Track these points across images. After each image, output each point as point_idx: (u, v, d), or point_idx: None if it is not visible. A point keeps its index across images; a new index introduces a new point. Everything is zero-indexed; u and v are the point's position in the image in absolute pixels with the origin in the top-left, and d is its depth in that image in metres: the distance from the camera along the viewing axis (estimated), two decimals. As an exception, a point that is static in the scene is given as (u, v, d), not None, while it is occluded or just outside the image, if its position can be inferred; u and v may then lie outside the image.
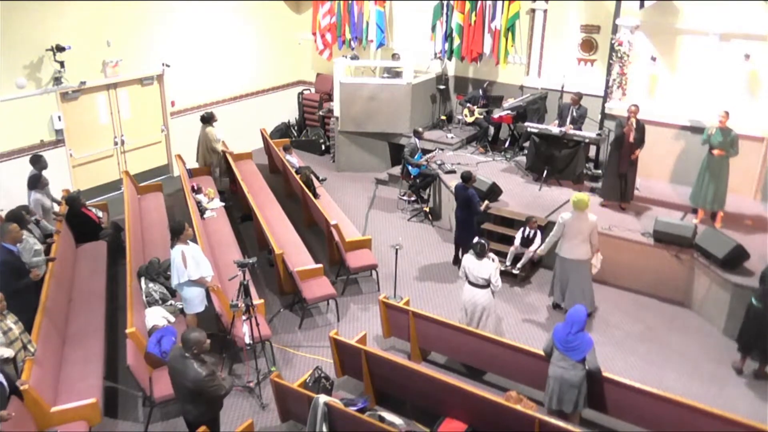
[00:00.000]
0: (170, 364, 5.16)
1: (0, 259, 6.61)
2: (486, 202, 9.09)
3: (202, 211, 9.71)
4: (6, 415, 5.02)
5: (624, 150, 9.02)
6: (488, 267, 6.88)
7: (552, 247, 7.96)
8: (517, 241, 8.71)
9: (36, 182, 8.69)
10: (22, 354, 5.86)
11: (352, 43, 13.40)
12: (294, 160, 11.50)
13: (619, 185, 9.22)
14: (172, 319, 7.06)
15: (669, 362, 7.22)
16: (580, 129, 10.10)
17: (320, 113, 13.89)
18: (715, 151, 8.43)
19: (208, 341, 5.11)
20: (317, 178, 10.76)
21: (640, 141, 8.96)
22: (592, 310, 7.95)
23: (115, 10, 10.60)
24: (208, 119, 10.97)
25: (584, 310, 5.84)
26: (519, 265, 8.74)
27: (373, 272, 8.77)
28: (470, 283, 7.02)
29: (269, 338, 7.01)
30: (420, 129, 11.24)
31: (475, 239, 7.12)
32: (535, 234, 8.59)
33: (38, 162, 8.94)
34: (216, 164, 11.25)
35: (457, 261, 9.33)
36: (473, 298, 6.99)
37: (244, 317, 6.42)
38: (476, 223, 8.97)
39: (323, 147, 13.74)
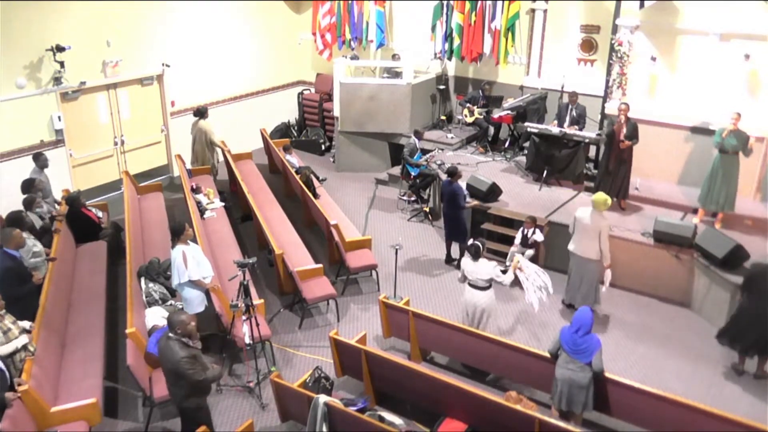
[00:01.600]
0: (158, 346, 5.27)
1: (3, 265, 6.59)
2: (472, 200, 9.09)
3: (202, 211, 9.71)
4: (12, 396, 5.02)
5: (614, 148, 9.06)
6: (486, 268, 6.88)
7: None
8: (517, 240, 8.72)
9: (28, 188, 8.65)
10: (22, 354, 5.86)
11: (352, 43, 13.39)
12: (294, 160, 11.50)
13: (609, 182, 9.23)
14: (172, 319, 7.05)
15: (669, 362, 7.22)
16: (582, 129, 10.10)
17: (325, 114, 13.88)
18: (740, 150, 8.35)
19: (193, 323, 5.16)
20: (317, 178, 10.76)
21: (631, 138, 8.98)
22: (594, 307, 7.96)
23: (115, 10, 10.60)
24: (202, 112, 10.94)
25: (590, 313, 5.82)
26: (519, 265, 8.74)
27: (373, 272, 8.77)
28: (470, 285, 7.02)
29: (269, 338, 7.01)
30: (420, 129, 11.22)
31: (470, 240, 7.11)
32: (534, 233, 8.60)
33: (38, 159, 8.98)
34: (212, 161, 11.24)
35: (449, 260, 9.33)
36: (473, 300, 6.98)
37: (244, 317, 6.42)
38: (463, 219, 8.94)
39: (323, 147, 13.75)
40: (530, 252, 8.68)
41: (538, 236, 8.60)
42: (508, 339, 6.87)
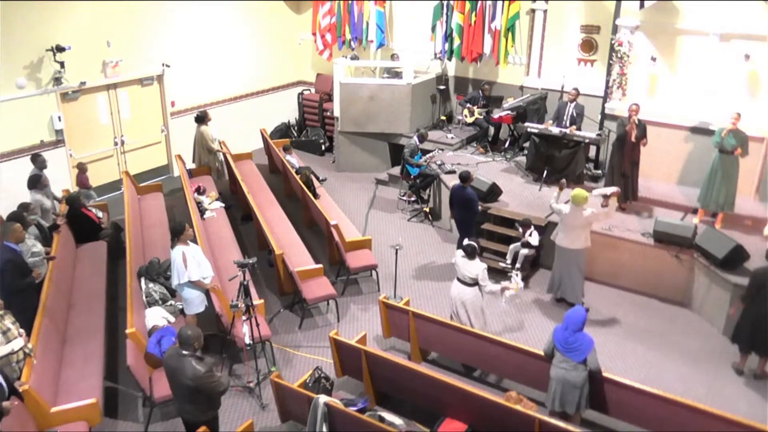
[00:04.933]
0: (167, 364, 5.15)
1: (4, 258, 6.62)
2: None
3: (202, 211, 9.72)
4: (9, 405, 5.01)
5: (626, 149, 9.02)
6: (476, 268, 6.89)
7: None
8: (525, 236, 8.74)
9: (36, 182, 8.72)
10: (20, 355, 5.86)
11: (352, 43, 13.39)
12: (294, 160, 11.50)
13: (623, 185, 9.19)
14: (172, 319, 7.06)
15: (669, 362, 7.23)
16: (580, 128, 10.09)
17: (327, 114, 13.88)
18: (739, 150, 8.33)
19: (201, 335, 5.14)
20: (317, 178, 10.76)
21: (642, 139, 8.96)
22: (579, 302, 7.94)
23: (115, 10, 10.61)
24: (202, 118, 10.98)
25: (582, 311, 5.84)
26: (517, 264, 8.74)
27: (373, 272, 8.77)
28: (458, 279, 7.05)
29: (269, 338, 7.02)
30: (424, 132, 11.09)
31: (465, 241, 7.11)
32: (530, 235, 8.59)
33: (36, 160, 9.00)
34: (213, 165, 11.25)
35: None
36: (459, 295, 7.03)
37: (244, 317, 6.42)
38: (474, 223, 8.93)
39: (323, 147, 13.75)
40: (529, 252, 8.68)
41: (535, 239, 8.59)
42: (506, 339, 6.87)
